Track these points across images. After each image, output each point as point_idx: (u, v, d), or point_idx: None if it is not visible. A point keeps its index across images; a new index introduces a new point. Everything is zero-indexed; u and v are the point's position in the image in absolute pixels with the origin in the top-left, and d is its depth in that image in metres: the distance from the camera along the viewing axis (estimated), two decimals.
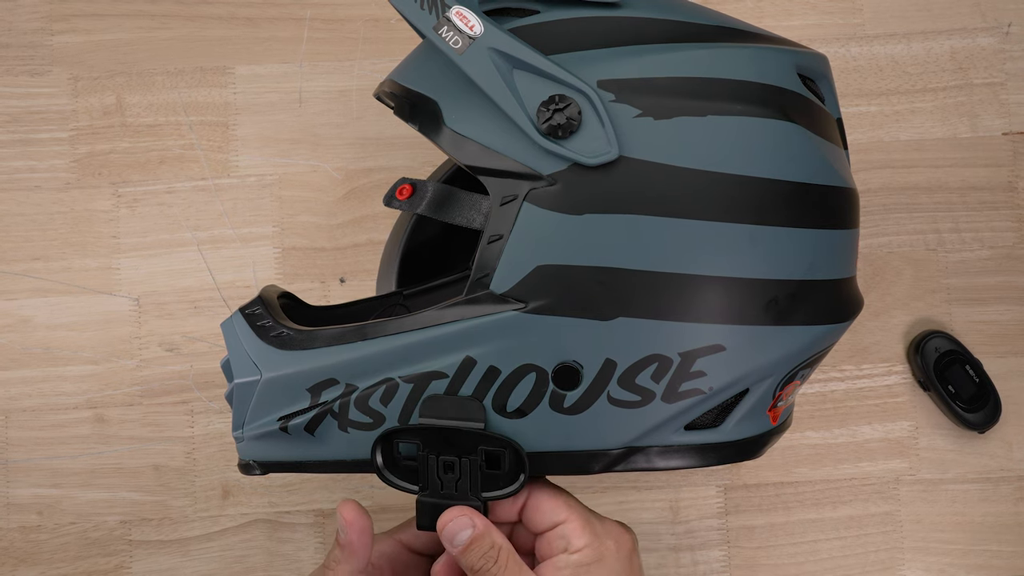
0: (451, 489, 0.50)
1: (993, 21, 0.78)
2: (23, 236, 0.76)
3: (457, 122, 0.49)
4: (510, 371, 0.48)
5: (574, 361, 0.48)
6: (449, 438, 0.49)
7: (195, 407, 0.75)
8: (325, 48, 0.78)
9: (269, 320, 0.54)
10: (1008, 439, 0.75)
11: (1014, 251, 0.76)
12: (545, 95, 0.47)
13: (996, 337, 0.76)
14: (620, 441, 0.49)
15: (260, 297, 0.57)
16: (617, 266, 0.47)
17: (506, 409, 0.49)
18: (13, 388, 0.75)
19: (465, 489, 0.49)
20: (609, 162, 0.47)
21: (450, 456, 0.49)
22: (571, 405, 0.49)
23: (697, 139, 0.47)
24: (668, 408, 0.49)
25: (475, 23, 0.48)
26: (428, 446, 0.50)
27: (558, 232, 0.47)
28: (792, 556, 0.75)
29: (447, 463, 0.50)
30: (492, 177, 0.48)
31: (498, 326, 0.48)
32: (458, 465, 0.49)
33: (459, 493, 0.50)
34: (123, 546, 0.74)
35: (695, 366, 0.48)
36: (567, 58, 0.48)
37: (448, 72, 0.50)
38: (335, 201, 0.76)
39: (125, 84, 0.77)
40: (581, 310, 0.47)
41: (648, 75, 0.48)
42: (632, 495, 0.75)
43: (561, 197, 0.47)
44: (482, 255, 0.49)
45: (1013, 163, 0.77)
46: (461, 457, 0.49)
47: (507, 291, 0.48)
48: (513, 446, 0.49)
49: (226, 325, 0.55)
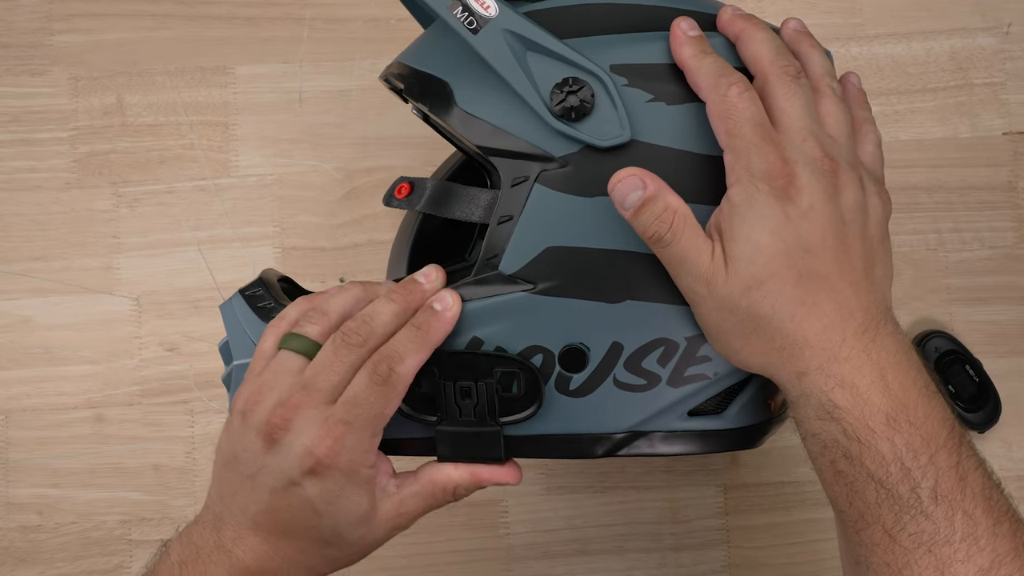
0: (469, 415, 0.49)
1: (993, 21, 0.78)
2: (23, 236, 0.76)
3: (469, 103, 0.49)
4: (517, 352, 0.49)
5: (581, 343, 0.48)
6: (465, 363, 0.49)
7: (195, 407, 0.75)
8: (325, 48, 0.78)
9: (270, 301, 0.54)
10: (1008, 439, 0.75)
11: (1014, 251, 0.76)
12: (559, 77, 0.47)
13: (996, 337, 0.76)
14: (624, 425, 0.50)
15: (260, 279, 0.57)
16: (626, 249, 0.48)
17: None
18: (13, 388, 0.75)
19: (484, 414, 0.49)
20: (621, 145, 0.47)
21: (466, 381, 0.49)
22: (577, 387, 0.49)
23: (707, 125, 0.47)
24: (673, 393, 0.49)
25: (490, 4, 0.48)
26: (444, 372, 0.49)
27: (568, 214, 0.48)
28: (792, 556, 0.74)
29: (464, 388, 0.49)
30: (503, 158, 0.49)
31: (506, 307, 0.48)
32: (475, 390, 0.49)
33: (477, 419, 0.49)
34: (123, 546, 0.74)
35: (701, 351, 0.49)
36: (580, 42, 0.48)
37: (460, 53, 0.50)
38: (335, 201, 0.76)
39: (125, 84, 0.77)
40: (589, 292, 0.48)
41: (660, 61, 0.48)
42: (632, 495, 0.75)
43: (572, 179, 0.48)
44: (491, 236, 0.49)
45: (1013, 163, 0.77)
46: (477, 382, 0.49)
47: (516, 272, 0.48)
48: (528, 367, 0.49)
49: (225, 307, 0.54)
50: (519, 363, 0.49)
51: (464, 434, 0.50)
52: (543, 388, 0.49)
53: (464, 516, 0.74)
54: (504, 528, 0.74)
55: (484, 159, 0.50)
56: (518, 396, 0.49)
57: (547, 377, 0.49)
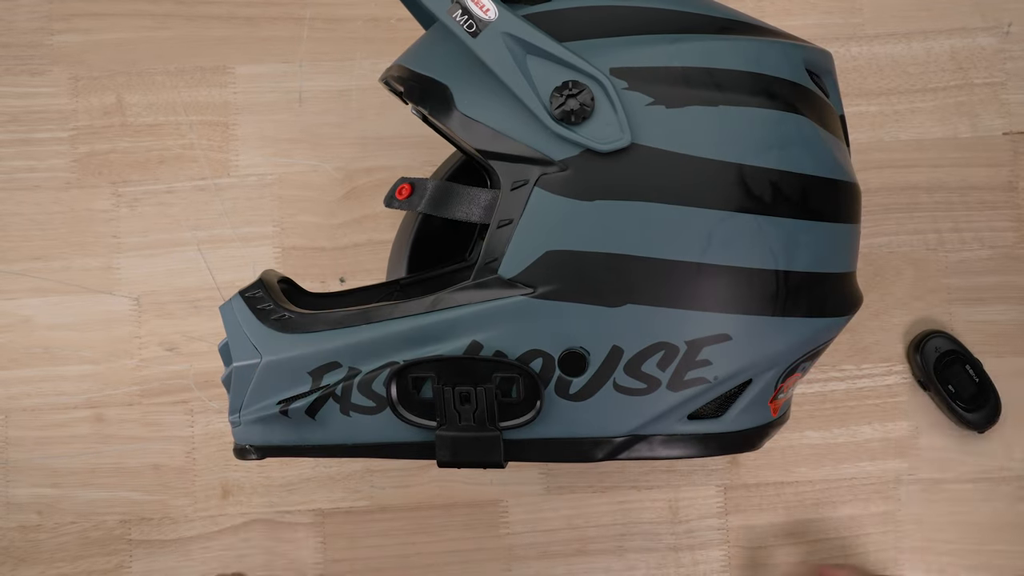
0: (468, 421, 0.49)
1: (993, 21, 0.78)
2: (23, 236, 0.76)
3: (469, 106, 0.49)
4: (517, 356, 0.49)
5: (581, 347, 0.48)
6: (464, 368, 0.49)
7: (195, 407, 0.75)
8: (325, 48, 0.78)
9: (270, 303, 0.54)
10: (1008, 439, 0.75)
11: (1014, 251, 0.76)
12: (558, 81, 0.47)
13: (996, 337, 0.76)
14: (624, 429, 0.49)
15: (260, 280, 0.56)
16: (626, 253, 0.47)
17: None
18: (13, 388, 0.75)
19: (483, 419, 0.49)
20: (621, 149, 0.47)
21: (466, 387, 0.49)
22: (576, 392, 0.49)
23: (708, 129, 0.47)
24: (673, 396, 0.49)
25: (490, 8, 0.48)
26: (443, 378, 0.49)
27: (568, 218, 0.48)
28: (792, 556, 0.74)
29: (463, 394, 0.49)
30: (503, 162, 0.49)
31: (506, 311, 0.48)
32: (474, 395, 0.49)
33: (477, 424, 0.49)
34: (123, 546, 0.74)
35: (701, 355, 0.49)
36: (580, 45, 0.48)
37: (460, 57, 0.50)
38: (335, 201, 0.76)
39: (125, 84, 0.77)
40: (589, 296, 0.48)
41: (661, 64, 0.48)
42: (632, 495, 0.75)
43: (572, 183, 0.48)
44: (491, 240, 0.49)
45: (1013, 163, 0.77)
46: (476, 387, 0.49)
47: (516, 276, 0.48)
48: (527, 372, 0.49)
49: (225, 308, 0.54)
50: (518, 368, 0.48)
51: (464, 439, 0.50)
52: (543, 393, 0.49)
53: (464, 516, 0.74)
54: (504, 528, 0.74)
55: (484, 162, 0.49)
56: (517, 401, 0.49)
57: (547, 381, 0.49)
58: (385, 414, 0.51)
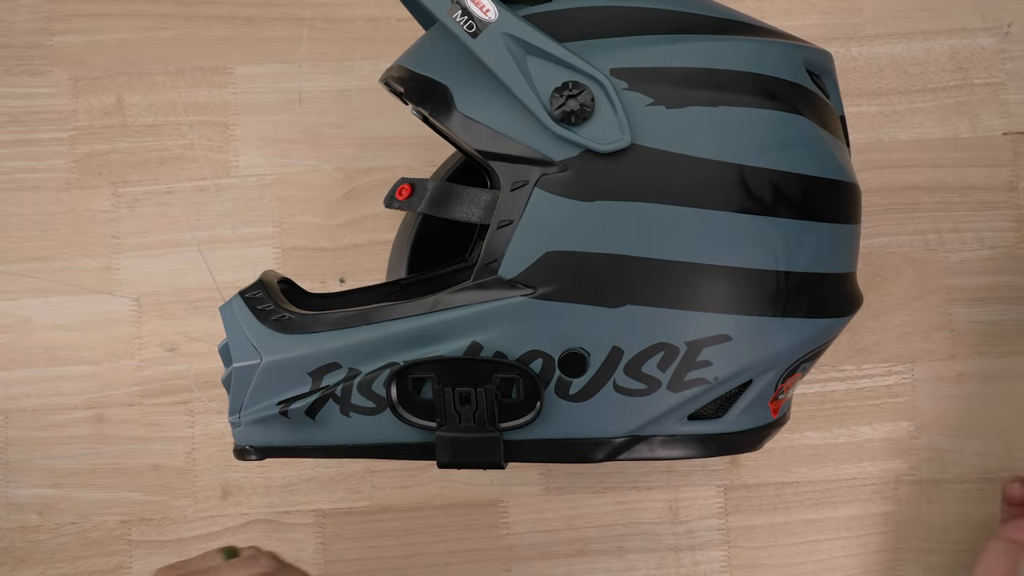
0: (468, 421, 0.50)
1: (993, 21, 0.78)
2: (23, 236, 0.76)
3: (469, 107, 0.49)
4: (517, 357, 0.49)
5: (581, 348, 0.48)
6: (464, 369, 0.49)
7: (195, 407, 0.75)
8: (325, 48, 0.78)
9: (270, 304, 0.54)
10: (1008, 439, 0.75)
11: (1014, 251, 0.76)
12: (558, 81, 0.47)
13: (996, 337, 0.76)
14: (624, 429, 0.50)
15: (260, 281, 0.57)
16: (626, 253, 0.47)
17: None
18: (13, 388, 0.75)
19: (483, 420, 0.49)
20: (621, 149, 0.47)
21: (465, 387, 0.49)
22: (577, 392, 0.49)
23: (708, 129, 0.47)
24: (673, 397, 0.49)
25: (489, 8, 0.48)
26: (443, 379, 0.49)
27: (568, 218, 0.48)
28: (792, 556, 0.75)
29: (463, 395, 0.49)
30: (503, 162, 0.49)
31: (506, 311, 0.48)
32: (474, 396, 0.49)
33: (477, 425, 0.50)
34: (123, 546, 0.74)
35: (701, 355, 0.49)
36: (580, 46, 0.48)
37: (460, 57, 0.50)
38: (335, 201, 0.76)
39: (125, 84, 0.77)
40: (589, 297, 0.48)
41: (661, 64, 0.48)
42: (632, 495, 0.75)
43: (572, 183, 0.48)
44: (491, 240, 0.49)
45: (1013, 163, 0.77)
46: (476, 387, 0.49)
47: (515, 276, 0.48)
48: (527, 373, 0.49)
49: (225, 309, 0.54)
50: (518, 369, 0.49)
51: (464, 440, 0.50)
52: (543, 394, 0.49)
53: (464, 516, 0.74)
54: (504, 528, 0.74)
55: (484, 163, 0.50)
56: (517, 402, 0.49)
57: (547, 382, 0.49)
58: (385, 415, 0.51)
